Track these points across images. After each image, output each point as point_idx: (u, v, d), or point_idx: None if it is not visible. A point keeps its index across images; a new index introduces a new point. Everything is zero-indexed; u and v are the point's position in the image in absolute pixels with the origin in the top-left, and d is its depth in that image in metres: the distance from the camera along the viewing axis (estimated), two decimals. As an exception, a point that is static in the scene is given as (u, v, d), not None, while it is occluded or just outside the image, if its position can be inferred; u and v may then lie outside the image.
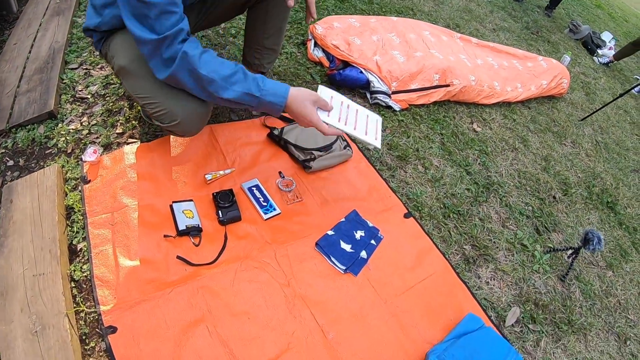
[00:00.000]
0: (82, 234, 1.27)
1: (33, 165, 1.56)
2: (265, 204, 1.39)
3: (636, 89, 3.60)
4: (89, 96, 1.82)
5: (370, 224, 1.46)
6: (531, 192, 1.88)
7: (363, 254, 1.37)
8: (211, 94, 1.11)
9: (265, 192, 1.42)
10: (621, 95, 2.70)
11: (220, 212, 1.32)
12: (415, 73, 2.03)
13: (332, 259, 1.33)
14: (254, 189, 1.42)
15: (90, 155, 1.47)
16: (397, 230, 1.49)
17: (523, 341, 1.38)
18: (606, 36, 4.58)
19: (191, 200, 1.36)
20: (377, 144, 1.27)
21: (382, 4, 3.17)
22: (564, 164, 2.16)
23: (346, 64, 2.05)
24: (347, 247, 1.37)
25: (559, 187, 1.98)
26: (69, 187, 1.41)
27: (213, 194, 1.37)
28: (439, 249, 1.48)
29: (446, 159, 1.86)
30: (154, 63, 1.08)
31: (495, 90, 2.26)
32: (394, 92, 1.96)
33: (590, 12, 5.77)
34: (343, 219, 1.44)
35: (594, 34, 4.34)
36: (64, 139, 1.62)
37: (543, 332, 1.43)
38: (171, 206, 1.32)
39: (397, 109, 1.98)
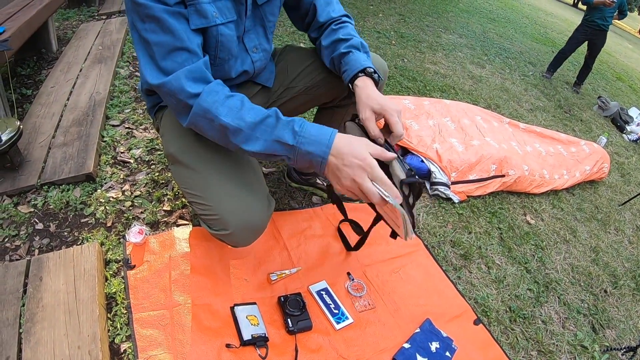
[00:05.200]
0: (126, 332, 1.08)
1: (66, 234, 1.35)
2: (336, 311, 1.23)
3: None
4: (131, 160, 1.64)
5: (444, 334, 1.33)
6: (585, 287, 1.82)
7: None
8: (237, 146, 0.89)
9: (335, 297, 1.26)
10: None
11: (289, 320, 1.15)
12: (474, 164, 1.95)
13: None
14: (323, 293, 1.26)
15: (135, 235, 1.28)
16: (468, 339, 1.36)
17: None
18: (633, 112, 4.40)
19: (254, 303, 1.18)
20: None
21: (425, 82, 3.19)
22: (611, 254, 2.12)
23: (405, 151, 1.96)
24: (423, 362, 1.23)
25: (608, 280, 1.93)
26: (111, 272, 1.21)
27: (280, 298, 1.20)
28: (509, 359, 1.37)
29: (507, 257, 1.77)
30: (175, 111, 0.92)
31: (545, 179, 2.21)
32: (453, 183, 1.87)
33: (612, 85, 5.89)
34: (418, 330, 1.31)
35: (621, 110, 4.25)
36: (103, 208, 1.43)
37: None
38: (232, 309, 1.15)
39: (456, 201, 1.88)
